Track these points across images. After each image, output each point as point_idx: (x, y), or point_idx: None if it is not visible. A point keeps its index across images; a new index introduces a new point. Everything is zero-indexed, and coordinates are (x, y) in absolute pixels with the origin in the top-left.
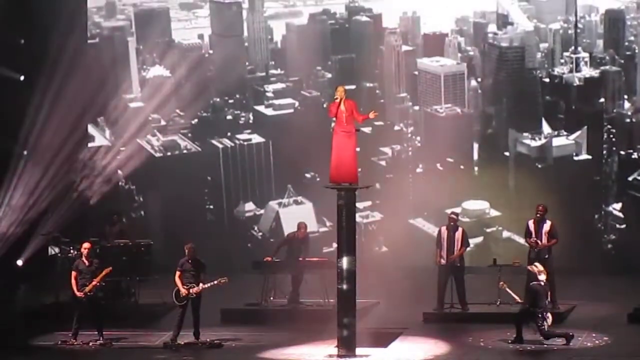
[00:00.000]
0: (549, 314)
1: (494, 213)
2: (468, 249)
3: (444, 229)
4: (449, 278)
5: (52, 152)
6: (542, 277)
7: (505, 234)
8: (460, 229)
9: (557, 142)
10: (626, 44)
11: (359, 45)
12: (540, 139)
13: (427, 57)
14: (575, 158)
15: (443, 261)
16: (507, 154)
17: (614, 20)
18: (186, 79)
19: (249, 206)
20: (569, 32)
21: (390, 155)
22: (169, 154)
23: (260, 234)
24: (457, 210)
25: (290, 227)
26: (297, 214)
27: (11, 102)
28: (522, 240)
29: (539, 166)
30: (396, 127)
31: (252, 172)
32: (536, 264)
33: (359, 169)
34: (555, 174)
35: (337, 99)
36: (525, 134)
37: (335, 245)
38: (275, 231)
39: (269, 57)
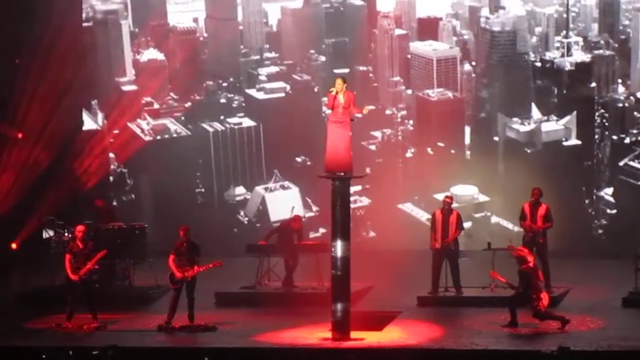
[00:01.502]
0: (544, 294)
1: (482, 198)
2: (462, 232)
3: (438, 212)
4: (443, 262)
5: (47, 134)
6: (530, 258)
7: (494, 219)
8: (454, 212)
9: (546, 127)
10: (620, 28)
11: (352, 28)
12: (529, 124)
13: (422, 41)
14: (565, 143)
15: (437, 245)
16: (496, 139)
17: (609, 5)
18: (181, 63)
19: (239, 190)
20: (564, 16)
21: (380, 140)
22: (158, 137)
23: (247, 218)
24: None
25: (276, 212)
26: (283, 199)
27: (6, 85)
28: (510, 225)
29: (528, 151)
30: (387, 111)
31: (242, 156)
32: (520, 247)
33: None
34: (544, 159)
35: (332, 91)
36: (515, 119)
37: (321, 230)
38: (260, 216)
39: (263, 40)
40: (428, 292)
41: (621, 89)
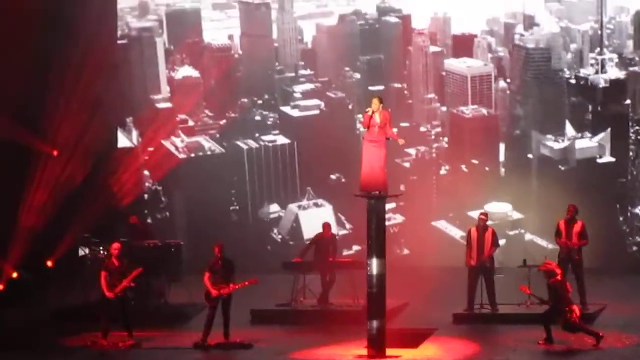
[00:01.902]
0: (575, 307)
1: (517, 216)
2: (497, 249)
3: (474, 229)
4: (479, 279)
5: (81, 152)
6: (558, 271)
7: (528, 236)
8: (490, 229)
9: (580, 144)
10: None
11: (387, 46)
12: (563, 141)
13: (457, 58)
14: (599, 161)
15: (473, 262)
16: (530, 156)
17: None
18: (216, 80)
19: (274, 208)
20: (599, 32)
21: (414, 157)
22: (193, 155)
23: (280, 236)
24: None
25: (310, 230)
26: (317, 217)
27: (38, 102)
28: (544, 243)
29: (562, 169)
30: (422, 129)
31: (277, 173)
32: (547, 261)
33: None
34: (578, 176)
35: (369, 111)
36: (549, 136)
37: (355, 248)
38: (294, 234)
39: (298, 57)
40: (464, 310)
41: None
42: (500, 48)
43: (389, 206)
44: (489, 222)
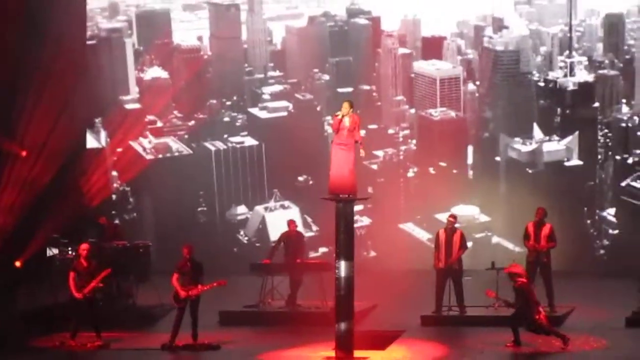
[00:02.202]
0: (542, 308)
1: (483, 218)
2: (465, 251)
3: (442, 231)
4: (447, 281)
5: (49, 152)
6: (523, 273)
7: (495, 239)
8: (458, 232)
9: (548, 147)
10: (625, 47)
11: (357, 47)
12: (531, 144)
13: (427, 60)
14: (566, 163)
15: (441, 264)
16: (498, 159)
17: (614, 24)
18: (185, 81)
19: (241, 209)
20: (568, 35)
21: (382, 159)
22: (160, 156)
23: (246, 238)
24: (447, 214)
25: (276, 231)
26: (283, 219)
27: (7, 102)
28: (511, 245)
29: (530, 171)
30: (390, 131)
31: (244, 175)
32: (513, 264)
33: None
34: (545, 179)
35: (338, 114)
36: (517, 139)
37: (321, 249)
38: (260, 236)
39: (267, 59)
40: (432, 312)
41: (625, 108)
42: (469, 50)
43: (356, 208)
44: (456, 225)
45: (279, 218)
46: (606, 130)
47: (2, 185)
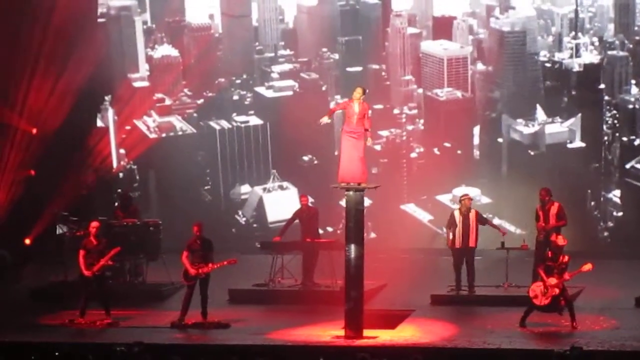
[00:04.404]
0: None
1: (485, 200)
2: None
3: (456, 212)
4: (463, 260)
5: (60, 130)
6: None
7: (496, 221)
8: (474, 211)
9: (550, 129)
10: (635, 28)
11: (367, 27)
12: (533, 125)
13: (437, 40)
14: (569, 145)
15: (457, 244)
16: (500, 140)
17: (625, 5)
18: (195, 59)
19: (245, 188)
20: (580, 16)
21: (385, 140)
22: (163, 135)
23: (244, 218)
24: (449, 196)
25: (274, 212)
26: (281, 200)
27: (17, 81)
28: (512, 228)
29: (532, 153)
30: (395, 111)
31: (249, 154)
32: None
33: None
34: (547, 161)
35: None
36: (519, 121)
37: (319, 231)
38: (258, 217)
39: (278, 37)
40: (450, 288)
41: (634, 89)
42: (481, 30)
43: None
44: (457, 206)
45: (276, 199)
46: (614, 112)
47: (10, 162)
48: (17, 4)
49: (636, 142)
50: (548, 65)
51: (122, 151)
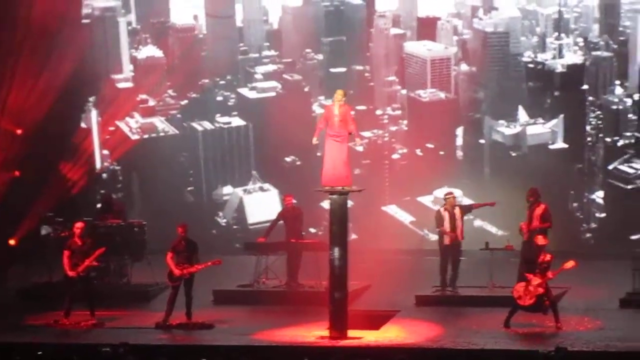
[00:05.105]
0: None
1: (466, 201)
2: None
3: (442, 210)
4: (449, 259)
5: (44, 131)
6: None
7: (478, 222)
8: (457, 207)
9: (532, 130)
10: (620, 29)
11: (351, 27)
12: (515, 126)
13: (422, 40)
14: (550, 147)
15: (447, 241)
16: (482, 141)
17: (610, 6)
18: (179, 60)
19: (227, 190)
20: (565, 16)
21: (367, 141)
22: (145, 136)
23: (225, 220)
24: (430, 198)
25: (254, 214)
26: (262, 201)
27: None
28: (494, 230)
29: (514, 154)
30: (378, 112)
31: (231, 155)
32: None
33: None
34: (529, 162)
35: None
36: (501, 122)
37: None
38: (238, 219)
39: (263, 38)
40: (434, 289)
41: (619, 90)
42: (466, 31)
43: None
44: (438, 207)
45: (257, 200)
46: (598, 112)
47: None
48: None
49: (619, 143)
50: (531, 66)
51: (105, 152)
